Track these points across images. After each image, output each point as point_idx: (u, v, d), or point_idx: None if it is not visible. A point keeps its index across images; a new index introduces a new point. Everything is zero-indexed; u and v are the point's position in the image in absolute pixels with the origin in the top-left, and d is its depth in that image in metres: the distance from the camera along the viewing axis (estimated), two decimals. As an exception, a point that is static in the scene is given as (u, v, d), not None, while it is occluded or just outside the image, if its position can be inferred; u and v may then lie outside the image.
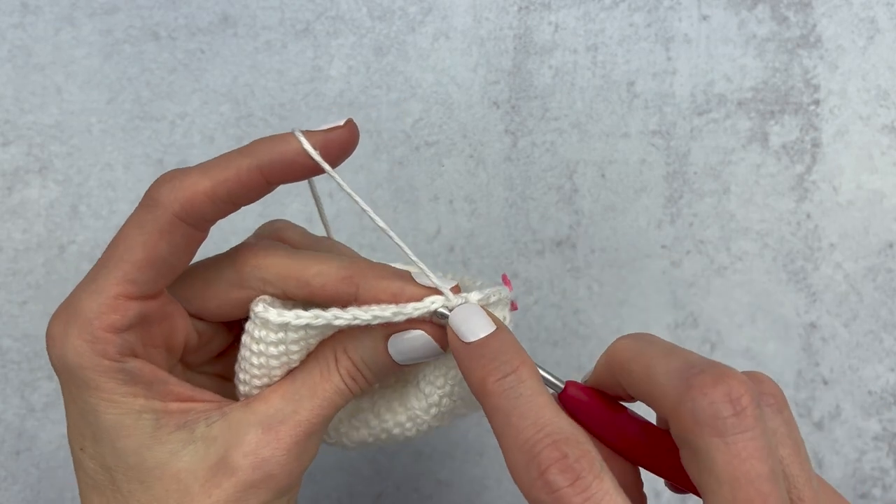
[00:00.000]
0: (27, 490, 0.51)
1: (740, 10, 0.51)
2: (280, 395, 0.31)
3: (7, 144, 0.50)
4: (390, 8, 0.51)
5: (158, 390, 0.30)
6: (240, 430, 0.30)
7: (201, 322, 0.33)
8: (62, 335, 0.29)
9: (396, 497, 0.52)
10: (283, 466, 0.30)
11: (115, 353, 0.29)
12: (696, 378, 0.25)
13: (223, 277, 0.31)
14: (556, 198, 0.52)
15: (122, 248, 0.29)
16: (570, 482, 0.24)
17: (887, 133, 0.51)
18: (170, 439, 0.30)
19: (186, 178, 0.29)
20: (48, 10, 0.50)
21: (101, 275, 0.29)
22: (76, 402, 0.30)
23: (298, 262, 0.31)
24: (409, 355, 0.31)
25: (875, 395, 0.51)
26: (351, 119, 0.30)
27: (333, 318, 0.29)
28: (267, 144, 0.30)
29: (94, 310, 0.29)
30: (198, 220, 0.29)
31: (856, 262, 0.51)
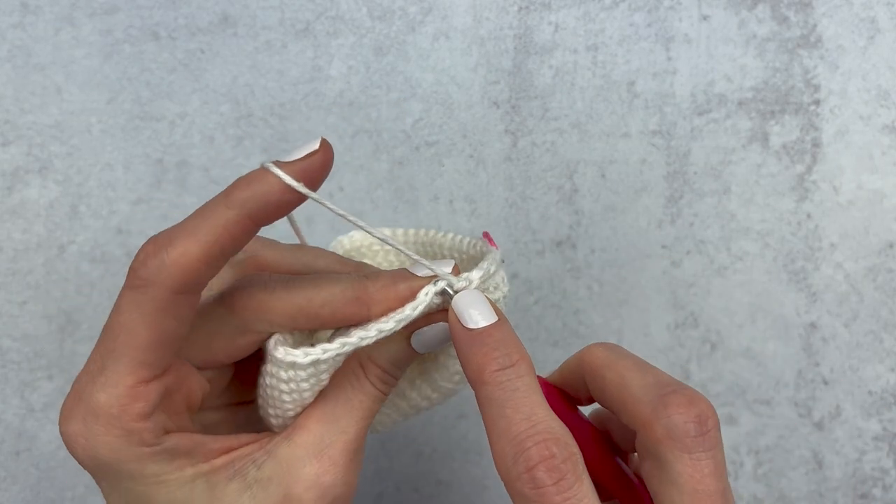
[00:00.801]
0: (27, 490, 0.51)
1: (740, 10, 0.51)
2: (317, 419, 0.31)
3: (7, 144, 0.50)
4: (390, 8, 0.51)
5: (201, 453, 0.30)
6: (293, 466, 0.30)
7: (209, 371, 0.32)
8: (86, 434, 0.28)
9: (396, 497, 0.52)
10: (345, 486, 0.30)
11: (152, 438, 0.28)
12: (672, 397, 0.28)
13: (226, 327, 0.30)
14: (556, 198, 0.52)
15: (123, 335, 0.28)
16: (555, 481, 0.26)
17: (888, 133, 0.51)
18: (226, 493, 0.30)
19: (173, 249, 0.27)
20: (48, 10, 0.50)
21: (109, 366, 0.28)
22: (122, 493, 0.29)
23: (301, 295, 0.30)
24: (433, 344, 0.31)
25: (875, 396, 0.51)
26: (324, 139, 0.29)
27: (360, 341, 0.29)
28: (246, 189, 0.28)
29: (115, 403, 0.28)
30: (196, 287, 0.28)
31: (856, 262, 0.51)
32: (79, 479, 0.51)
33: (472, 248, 0.35)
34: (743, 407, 0.52)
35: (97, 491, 0.51)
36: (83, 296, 0.50)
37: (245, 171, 0.52)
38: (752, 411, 0.52)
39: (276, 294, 0.30)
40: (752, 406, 0.52)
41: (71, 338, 0.50)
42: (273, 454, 0.30)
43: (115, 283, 0.50)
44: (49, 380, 0.50)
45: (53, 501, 0.51)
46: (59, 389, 0.50)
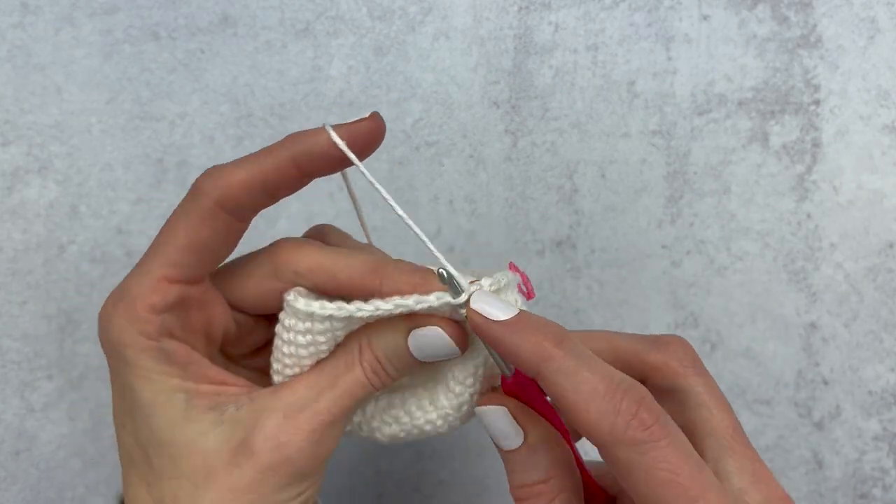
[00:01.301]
0: (27, 490, 0.51)
1: (741, 9, 0.51)
2: (305, 384, 0.32)
3: (7, 144, 0.50)
4: (390, 8, 0.51)
5: (193, 372, 0.32)
6: (262, 415, 0.31)
7: (241, 314, 0.34)
8: (109, 314, 0.31)
9: (396, 497, 0.52)
10: (300, 451, 0.31)
11: (154, 332, 0.31)
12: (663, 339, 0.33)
13: (260, 269, 0.33)
14: (556, 198, 0.52)
15: (167, 234, 0.31)
16: (655, 420, 0.27)
17: (888, 133, 0.51)
18: (200, 419, 0.31)
19: (226, 170, 0.31)
20: (48, 10, 0.50)
21: (148, 258, 0.31)
22: (118, 379, 0.32)
23: (328, 256, 0.32)
24: (428, 352, 0.32)
25: (875, 395, 0.51)
26: (376, 112, 0.32)
27: (356, 311, 0.30)
28: (299, 137, 0.31)
29: (139, 291, 0.31)
30: (236, 208, 0.31)
31: (856, 262, 0.51)
32: (79, 479, 0.51)
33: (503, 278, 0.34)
34: (743, 407, 0.52)
35: (97, 491, 0.51)
36: (83, 296, 0.50)
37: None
38: (752, 411, 0.52)
39: (307, 248, 0.32)
40: (752, 406, 0.52)
41: (71, 338, 0.50)
42: (254, 401, 0.31)
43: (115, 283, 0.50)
44: (49, 380, 0.50)
45: (53, 501, 0.51)
46: (59, 389, 0.50)
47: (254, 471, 0.30)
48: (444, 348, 0.31)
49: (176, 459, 0.31)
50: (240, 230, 0.32)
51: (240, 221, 0.32)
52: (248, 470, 0.30)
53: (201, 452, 0.31)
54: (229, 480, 0.30)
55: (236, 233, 0.32)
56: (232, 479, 0.30)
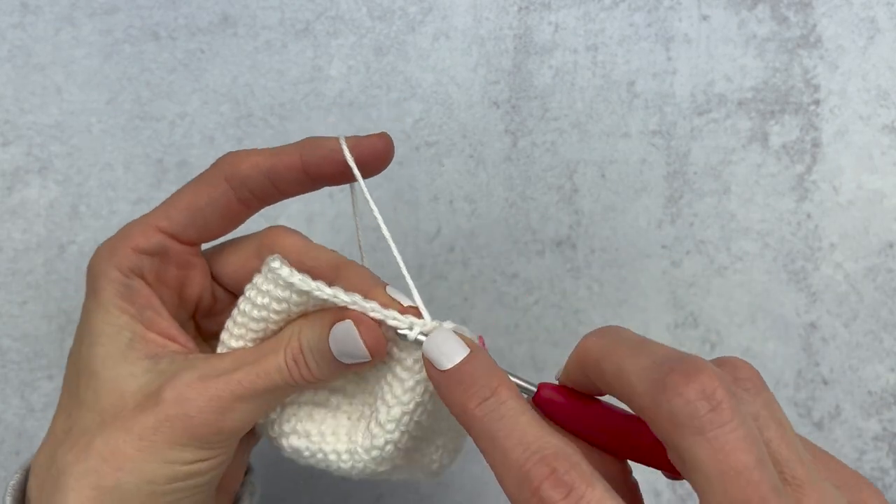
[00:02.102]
0: (27, 490, 0.51)
1: (740, 10, 0.51)
2: (233, 356, 0.33)
3: (7, 144, 0.50)
4: (390, 8, 0.51)
5: (147, 317, 0.33)
6: (181, 371, 0.32)
7: (220, 289, 0.36)
8: (99, 249, 0.34)
9: (396, 497, 0.52)
10: (201, 412, 0.31)
11: (127, 268, 0.33)
12: (669, 378, 0.25)
13: (247, 246, 0.35)
14: (556, 198, 0.52)
15: (175, 193, 0.34)
16: (564, 495, 0.25)
17: (887, 133, 0.51)
18: (135, 363, 0.32)
19: (245, 151, 0.34)
20: (48, 10, 0.50)
21: (152, 210, 0.34)
22: (84, 307, 0.34)
23: (303, 244, 0.34)
24: (342, 348, 0.31)
25: (875, 395, 0.51)
26: (386, 133, 0.34)
27: (333, 296, 0.31)
28: (313, 140, 0.34)
29: (129, 232, 0.33)
30: (239, 185, 0.33)
31: (856, 262, 0.51)
32: (79, 478, 0.51)
33: None
34: (743, 407, 0.52)
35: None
36: (83, 296, 0.50)
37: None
38: (752, 411, 0.52)
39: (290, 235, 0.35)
40: (751, 406, 0.52)
41: (71, 337, 0.50)
42: (187, 360, 0.33)
43: (116, 283, 0.51)
44: (49, 379, 0.50)
45: (53, 501, 0.51)
46: (59, 389, 0.50)
47: (154, 418, 0.31)
48: (355, 348, 0.31)
49: (98, 393, 0.32)
50: (237, 211, 0.34)
51: (239, 202, 0.34)
52: (150, 416, 0.31)
53: (120, 392, 0.32)
54: (130, 423, 0.31)
55: (234, 211, 0.34)
56: (132, 423, 0.31)
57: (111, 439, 0.31)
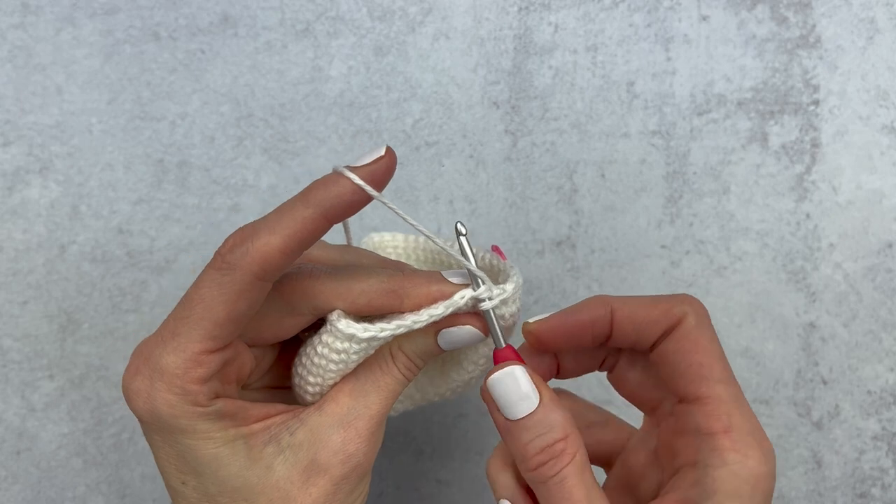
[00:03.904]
0: (27, 490, 0.51)
1: (740, 10, 0.51)
2: (347, 394, 0.34)
3: (8, 144, 0.50)
4: (390, 8, 0.51)
5: (242, 417, 0.33)
6: (322, 433, 0.33)
7: (256, 347, 0.36)
8: (149, 390, 0.32)
9: (396, 497, 0.52)
10: (366, 455, 0.34)
11: (205, 400, 0.32)
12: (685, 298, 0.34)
13: (274, 308, 0.34)
14: (556, 198, 0.52)
15: (201, 308, 0.31)
16: None
17: (887, 133, 0.51)
18: (262, 456, 0.33)
19: (258, 240, 0.31)
20: (49, 10, 0.50)
21: (183, 333, 0.31)
22: (172, 445, 0.33)
23: (342, 283, 0.34)
24: (456, 344, 0.35)
25: (874, 395, 0.51)
26: (389, 147, 0.33)
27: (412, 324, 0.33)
28: (322, 190, 0.31)
29: (180, 366, 0.31)
30: (274, 276, 0.32)
31: (855, 262, 0.51)
32: (79, 478, 0.51)
33: (482, 260, 0.38)
34: (742, 406, 0.52)
35: (98, 490, 0.51)
36: (84, 296, 0.50)
37: (245, 171, 0.52)
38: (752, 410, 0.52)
39: (320, 280, 0.34)
40: (751, 405, 0.52)
41: (72, 337, 0.50)
42: (305, 422, 0.33)
43: (116, 283, 0.51)
44: (50, 379, 0.50)
45: (54, 501, 0.51)
46: (60, 389, 0.51)
47: (330, 484, 0.33)
48: (472, 339, 0.35)
49: (251, 499, 0.33)
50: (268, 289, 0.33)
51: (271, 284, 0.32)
52: (324, 486, 0.33)
53: (273, 484, 0.33)
54: (308, 500, 0.33)
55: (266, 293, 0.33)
56: (310, 499, 0.33)
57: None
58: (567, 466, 0.31)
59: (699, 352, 0.33)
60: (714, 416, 0.32)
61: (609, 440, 0.38)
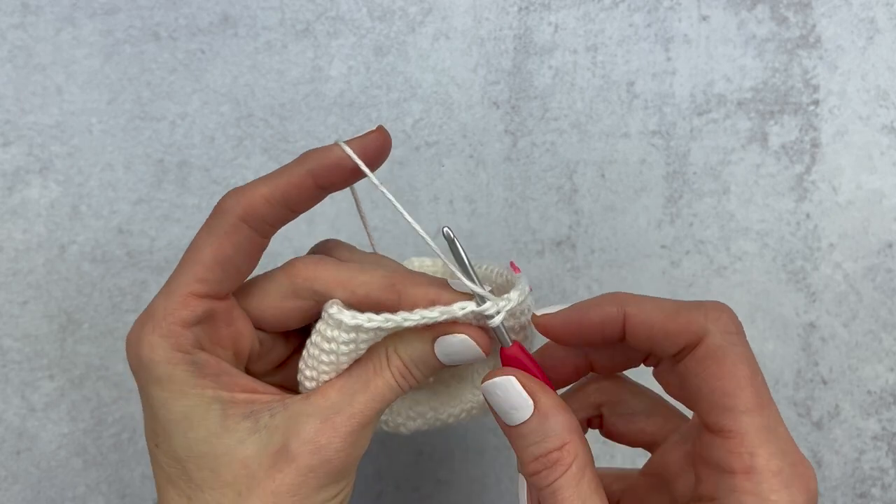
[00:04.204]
0: (27, 490, 0.51)
1: (740, 10, 0.51)
2: (336, 389, 0.33)
3: (8, 144, 0.50)
4: (390, 8, 0.51)
5: (225, 382, 0.33)
6: (299, 421, 0.32)
7: (262, 332, 0.35)
8: (138, 335, 0.32)
9: (396, 496, 0.52)
10: (338, 452, 0.32)
11: (187, 344, 0.32)
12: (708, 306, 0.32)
13: (278, 288, 0.34)
14: (556, 198, 0.52)
15: (192, 253, 0.33)
16: None
17: (887, 133, 0.51)
18: (237, 428, 0.32)
19: (247, 187, 0.33)
20: (49, 10, 0.50)
21: (174, 278, 0.32)
22: (150, 399, 0.32)
23: (345, 273, 0.34)
24: (454, 357, 0.33)
25: (874, 395, 0.51)
26: (381, 125, 0.34)
27: (403, 321, 0.32)
28: (315, 153, 0.33)
29: (167, 308, 0.32)
30: (258, 223, 0.33)
31: (855, 261, 0.51)
32: (80, 478, 0.51)
33: (500, 277, 0.37)
34: (742, 406, 0.52)
35: (98, 490, 0.51)
36: (84, 296, 0.50)
37: (245, 171, 0.52)
38: (752, 411, 0.52)
39: (323, 266, 0.34)
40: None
41: (72, 337, 0.50)
42: (288, 407, 0.33)
43: (116, 283, 0.51)
44: (50, 379, 0.50)
45: (54, 501, 0.51)
46: (60, 389, 0.51)
47: (295, 474, 0.32)
48: (467, 352, 0.33)
49: (217, 470, 0.32)
50: (261, 246, 0.34)
51: (261, 237, 0.33)
52: (290, 474, 0.32)
53: (242, 460, 0.32)
54: (272, 485, 0.32)
55: (258, 248, 0.34)
56: (274, 484, 0.32)
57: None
58: (561, 478, 0.30)
59: (723, 377, 0.30)
60: (735, 453, 0.29)
61: (651, 431, 0.36)
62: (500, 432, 0.52)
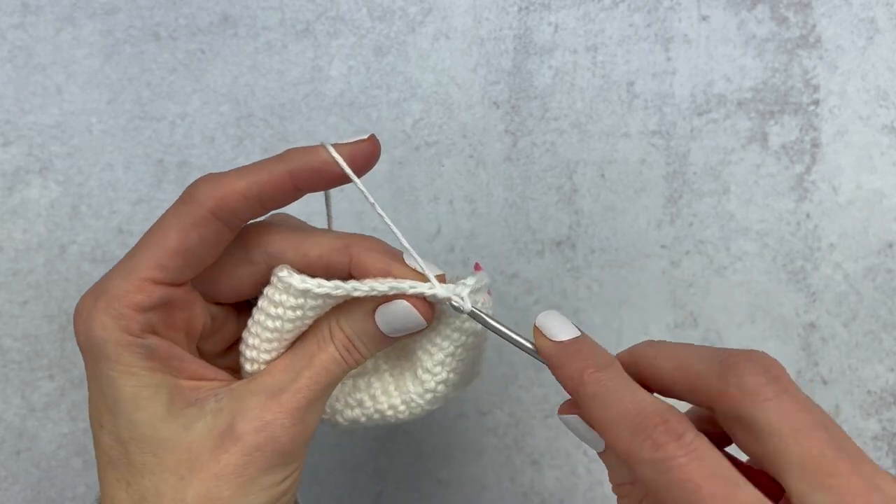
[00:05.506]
0: (27, 490, 0.51)
1: (740, 10, 0.51)
2: (281, 368, 0.33)
3: (8, 144, 0.50)
4: (390, 8, 0.51)
5: (174, 367, 0.32)
6: (244, 401, 0.32)
7: (214, 306, 0.35)
8: (89, 310, 0.31)
9: (396, 496, 0.52)
10: (285, 429, 0.32)
11: (138, 329, 0.31)
12: (733, 359, 0.29)
13: (231, 255, 0.34)
14: (556, 198, 0.52)
15: (157, 236, 0.32)
16: (675, 439, 0.27)
17: (887, 133, 0.51)
18: (183, 414, 0.32)
19: (223, 178, 0.32)
20: (49, 10, 0.50)
21: (135, 258, 0.32)
22: (97, 376, 0.32)
23: (297, 235, 0.33)
24: (395, 326, 0.33)
25: (874, 395, 0.51)
26: (373, 134, 0.33)
27: (352, 289, 0.32)
28: (298, 153, 0.32)
29: (123, 289, 0.31)
30: (229, 217, 0.32)
31: (855, 262, 0.51)
32: (79, 478, 0.51)
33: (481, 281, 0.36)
34: (742, 406, 0.52)
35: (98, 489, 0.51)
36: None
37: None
38: (752, 411, 0.52)
39: (277, 229, 0.34)
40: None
41: (72, 338, 0.50)
42: (234, 391, 0.32)
43: (116, 283, 0.51)
44: (50, 379, 0.50)
45: (54, 501, 0.51)
46: (60, 389, 0.51)
47: (240, 453, 0.31)
48: (408, 319, 0.33)
49: (159, 454, 0.31)
50: (228, 238, 0.33)
51: (229, 230, 0.32)
52: (235, 453, 0.31)
53: (186, 444, 0.31)
54: (216, 467, 0.31)
55: (224, 241, 0.33)
56: (218, 466, 0.31)
57: (202, 489, 0.31)
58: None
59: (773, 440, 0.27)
60: None
61: None
62: (500, 432, 0.52)
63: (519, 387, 0.52)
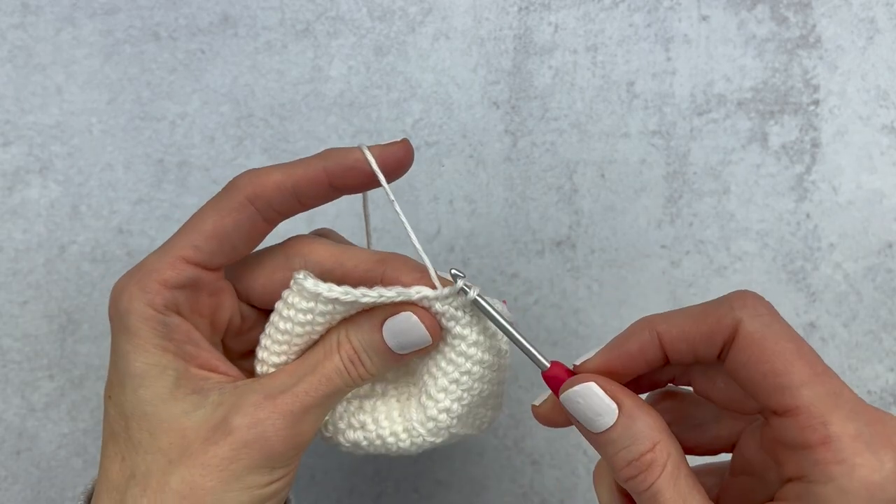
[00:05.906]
0: (27, 490, 0.51)
1: (740, 10, 0.51)
2: (286, 372, 0.34)
3: (8, 144, 0.50)
4: (390, 8, 0.51)
5: (188, 352, 0.33)
6: (242, 397, 0.32)
7: (247, 307, 0.36)
8: (125, 283, 0.33)
9: (396, 497, 0.52)
10: (277, 431, 0.32)
11: (161, 304, 0.32)
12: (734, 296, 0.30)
13: (272, 259, 0.35)
14: (556, 198, 0.52)
15: (196, 219, 0.33)
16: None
17: (887, 133, 0.51)
18: (185, 399, 0.32)
19: (262, 170, 0.33)
20: (49, 10, 0.50)
21: (173, 240, 0.33)
22: (116, 347, 0.33)
23: (338, 248, 0.35)
24: (401, 340, 0.33)
25: (874, 395, 0.51)
26: (406, 139, 0.35)
27: (361, 296, 0.32)
28: (335, 151, 0.34)
29: (155, 266, 0.33)
30: (264, 206, 0.33)
31: (855, 262, 0.51)
32: (80, 478, 0.51)
33: None
34: (742, 406, 0.52)
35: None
36: (84, 296, 0.50)
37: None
38: (752, 411, 0.52)
39: (318, 242, 0.35)
40: (751, 406, 0.52)
41: (72, 337, 0.50)
42: (237, 387, 0.33)
43: (116, 283, 0.51)
44: (50, 379, 0.50)
45: (54, 501, 0.51)
46: (60, 389, 0.51)
47: (229, 447, 0.31)
48: (417, 335, 0.33)
49: (155, 434, 0.32)
50: (263, 231, 0.34)
51: (265, 221, 0.34)
52: (224, 446, 0.31)
53: (180, 430, 0.32)
54: (204, 457, 0.31)
55: (260, 232, 0.34)
56: (206, 456, 0.31)
57: (187, 476, 0.31)
58: (658, 480, 0.29)
59: (769, 358, 0.29)
60: (808, 427, 0.28)
61: (725, 434, 0.35)
62: (500, 433, 0.52)
63: (519, 387, 0.52)
